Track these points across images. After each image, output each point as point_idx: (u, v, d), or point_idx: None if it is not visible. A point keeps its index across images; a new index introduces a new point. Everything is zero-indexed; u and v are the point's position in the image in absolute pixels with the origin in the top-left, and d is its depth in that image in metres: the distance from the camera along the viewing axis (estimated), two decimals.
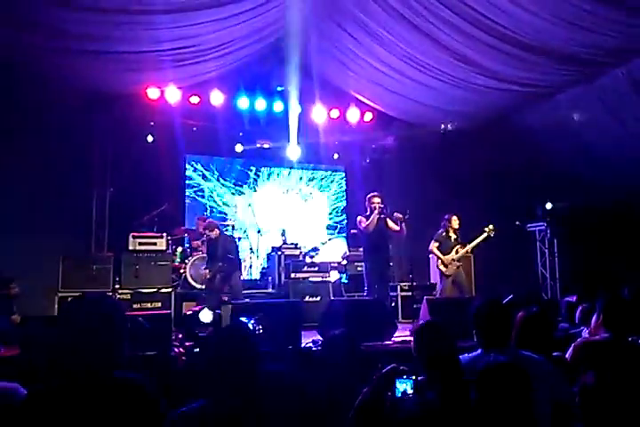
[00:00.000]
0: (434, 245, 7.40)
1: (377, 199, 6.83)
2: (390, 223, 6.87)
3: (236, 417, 1.87)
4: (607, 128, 7.66)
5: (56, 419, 1.66)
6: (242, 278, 8.09)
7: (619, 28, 5.77)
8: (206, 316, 5.81)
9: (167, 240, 7.54)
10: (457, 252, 7.29)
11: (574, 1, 5.42)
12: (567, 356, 3.19)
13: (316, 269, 8.16)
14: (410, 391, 2.15)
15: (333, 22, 7.34)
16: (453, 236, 7.41)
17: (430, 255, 7.82)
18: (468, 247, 7.37)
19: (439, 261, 7.36)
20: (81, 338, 1.75)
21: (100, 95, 7.75)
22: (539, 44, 6.28)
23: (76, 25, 5.97)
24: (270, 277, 8.78)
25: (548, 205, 9.11)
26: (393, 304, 7.82)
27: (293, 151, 9.87)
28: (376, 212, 6.72)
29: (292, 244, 8.97)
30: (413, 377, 2.16)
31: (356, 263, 8.81)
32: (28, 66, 6.69)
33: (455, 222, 7.41)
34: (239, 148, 9.62)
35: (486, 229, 7.33)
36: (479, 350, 2.69)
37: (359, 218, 6.97)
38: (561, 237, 9.39)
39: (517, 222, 9.13)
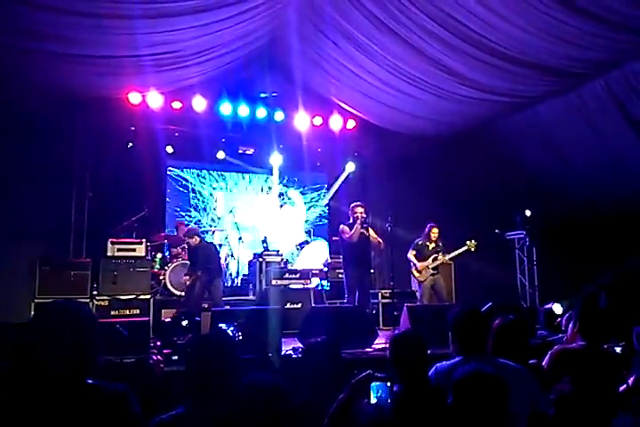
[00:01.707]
0: (411, 253, 7.57)
1: (360, 209, 6.87)
2: (372, 233, 6.91)
3: (215, 425, 1.86)
4: (585, 138, 7.79)
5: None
6: (223, 285, 8.07)
7: (599, 42, 5.88)
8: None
9: (146, 246, 7.48)
10: (433, 260, 7.38)
11: (557, 15, 5.50)
12: (544, 363, 3.22)
13: (298, 275, 8.14)
14: (373, 400, 2.15)
15: (317, 30, 7.37)
16: (431, 245, 7.52)
17: (410, 263, 7.88)
18: (445, 258, 7.46)
19: (413, 267, 7.50)
20: (49, 344, 1.71)
21: (79, 99, 7.67)
22: (521, 55, 6.36)
23: (55, 27, 5.90)
24: (251, 284, 8.75)
25: (528, 213, 9.20)
26: (374, 311, 7.84)
27: (275, 159, 9.90)
28: (358, 222, 6.75)
29: (273, 251, 8.95)
30: (388, 384, 2.16)
31: (337, 270, 8.82)
32: (7, 69, 6.61)
33: (433, 234, 7.51)
34: (221, 154, 9.59)
35: (468, 242, 7.43)
36: (457, 358, 2.70)
37: (342, 227, 6.99)
38: (540, 246, 9.50)
39: (497, 230, 9.22)
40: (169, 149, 9.13)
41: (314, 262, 9.44)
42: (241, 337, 4.81)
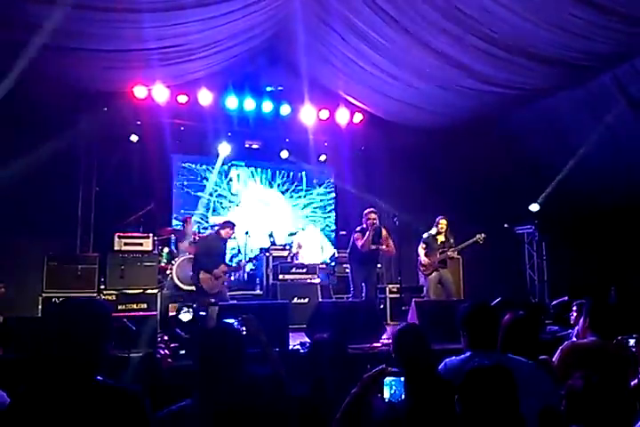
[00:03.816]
0: (421, 247, 7.54)
1: (373, 215, 6.90)
2: (384, 234, 6.97)
3: (222, 416, 1.87)
4: (594, 132, 7.71)
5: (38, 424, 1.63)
6: (230, 279, 8.10)
7: (607, 34, 5.81)
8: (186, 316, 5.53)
9: (153, 241, 7.47)
10: (441, 253, 7.35)
11: (564, 7, 5.44)
12: (554, 359, 3.19)
13: (305, 270, 8.14)
14: (386, 396, 2.13)
15: (323, 23, 7.32)
16: (441, 238, 7.47)
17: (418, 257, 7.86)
18: (452, 251, 7.41)
19: (419, 261, 7.51)
20: (65, 340, 1.72)
21: (85, 93, 7.67)
22: (528, 47, 6.31)
23: (62, 22, 5.88)
24: (258, 279, 8.74)
25: (534, 207, 9.11)
26: (381, 306, 7.82)
27: (282, 152, 9.89)
28: (371, 228, 6.77)
29: (280, 245, 8.94)
30: (402, 378, 2.14)
31: (344, 265, 8.80)
32: (13, 63, 6.60)
33: (441, 225, 7.46)
34: (226, 148, 9.57)
35: (478, 235, 7.38)
36: (467, 353, 2.69)
37: (356, 235, 7.01)
38: (549, 240, 9.45)
39: (505, 225, 9.17)
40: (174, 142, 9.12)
41: (313, 246, 9.37)
42: (245, 332, 4.78)
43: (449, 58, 6.92)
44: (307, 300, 7.56)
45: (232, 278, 8.52)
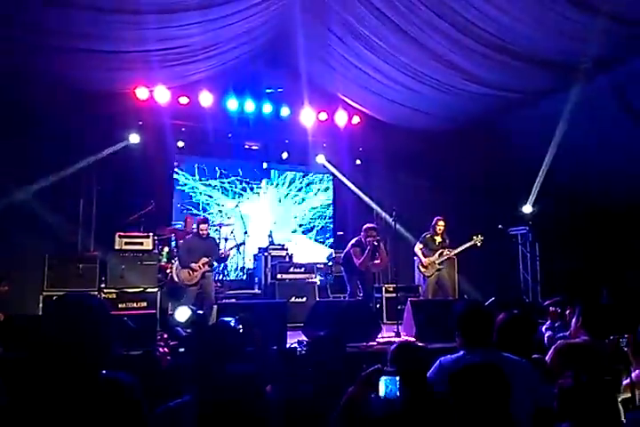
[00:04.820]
0: (418, 247, 7.58)
1: (374, 233, 6.90)
2: (382, 247, 7.02)
3: (219, 412, 1.91)
4: (589, 135, 7.79)
5: (40, 419, 1.63)
6: (227, 279, 8.15)
7: (603, 37, 5.88)
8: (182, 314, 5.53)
9: (154, 240, 7.51)
10: (439, 255, 7.41)
11: (559, 10, 5.52)
12: (548, 358, 3.26)
13: (303, 269, 8.20)
14: (381, 394, 2.18)
15: (322, 25, 7.38)
16: (438, 239, 7.54)
17: (415, 257, 7.92)
18: (452, 252, 7.48)
19: (419, 262, 7.50)
20: (65, 337, 1.72)
21: (87, 94, 7.70)
22: (525, 51, 6.39)
23: (64, 23, 5.94)
24: (257, 278, 8.80)
25: (527, 209, 9.18)
26: (377, 306, 7.89)
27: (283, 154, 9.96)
28: (370, 247, 6.82)
29: (278, 245, 9.00)
30: (397, 378, 2.19)
31: (341, 265, 8.86)
32: (17, 64, 6.65)
33: (439, 227, 7.52)
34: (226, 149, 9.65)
35: (475, 237, 7.45)
36: (461, 352, 2.74)
37: (354, 249, 7.03)
38: (542, 241, 9.52)
39: (500, 226, 9.24)
40: (179, 144, 9.19)
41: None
42: (242, 330, 4.83)
43: (447, 60, 6.99)
44: (304, 299, 7.64)
45: (227, 273, 8.62)
